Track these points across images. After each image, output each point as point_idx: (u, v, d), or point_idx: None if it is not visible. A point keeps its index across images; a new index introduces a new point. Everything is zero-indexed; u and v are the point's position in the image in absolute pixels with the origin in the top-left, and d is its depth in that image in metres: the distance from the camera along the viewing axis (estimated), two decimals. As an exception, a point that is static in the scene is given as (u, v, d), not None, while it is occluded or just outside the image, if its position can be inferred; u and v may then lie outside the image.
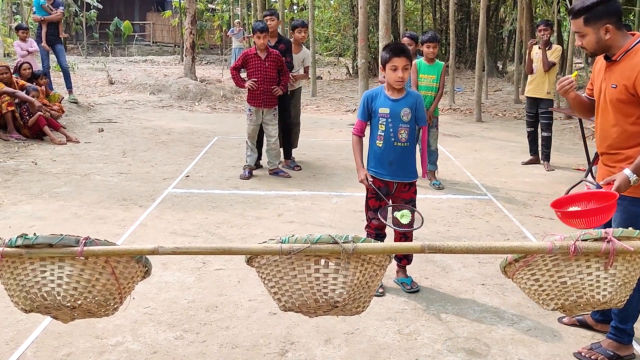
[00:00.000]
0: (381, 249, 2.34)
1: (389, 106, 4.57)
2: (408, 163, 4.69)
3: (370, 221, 4.85)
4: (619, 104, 3.52)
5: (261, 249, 2.32)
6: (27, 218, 6.30)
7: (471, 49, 25.30)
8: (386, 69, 4.51)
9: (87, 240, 2.29)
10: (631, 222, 3.52)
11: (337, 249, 2.32)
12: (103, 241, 2.37)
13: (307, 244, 2.31)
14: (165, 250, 2.27)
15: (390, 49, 4.50)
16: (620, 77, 3.47)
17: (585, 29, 3.49)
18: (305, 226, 6.28)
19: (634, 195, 3.53)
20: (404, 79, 4.50)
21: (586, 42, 3.53)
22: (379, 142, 4.62)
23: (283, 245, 2.32)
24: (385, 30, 13.16)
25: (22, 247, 2.32)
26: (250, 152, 8.36)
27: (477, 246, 2.30)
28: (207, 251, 2.28)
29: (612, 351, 3.83)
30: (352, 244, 2.32)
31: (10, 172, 8.17)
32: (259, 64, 8.00)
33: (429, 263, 5.37)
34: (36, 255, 2.31)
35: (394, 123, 4.56)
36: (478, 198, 7.50)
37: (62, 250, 2.29)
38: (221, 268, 5.14)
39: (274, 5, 26.80)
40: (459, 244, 2.34)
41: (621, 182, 3.43)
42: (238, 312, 4.36)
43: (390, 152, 4.60)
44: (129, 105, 15.20)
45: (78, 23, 36.08)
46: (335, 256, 2.36)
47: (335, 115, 15.33)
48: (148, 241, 5.71)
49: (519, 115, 15.23)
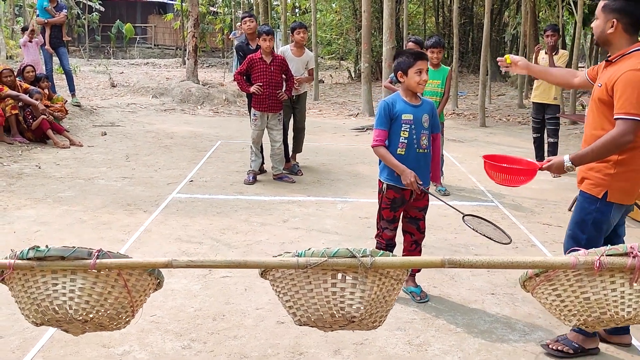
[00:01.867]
0: (400, 264, 2.28)
1: (412, 112, 4.48)
2: (426, 170, 4.62)
3: (382, 231, 4.75)
4: (599, 103, 3.60)
5: (277, 263, 2.27)
6: (32, 223, 6.25)
7: (474, 53, 25.28)
8: (409, 74, 4.41)
9: (100, 253, 2.24)
10: (580, 216, 3.75)
11: (355, 263, 2.26)
12: (116, 254, 2.32)
13: (325, 258, 2.25)
14: (179, 263, 2.22)
15: (412, 53, 4.43)
16: (608, 78, 3.53)
17: (599, 13, 3.59)
18: (310, 233, 6.23)
19: (590, 193, 3.67)
20: (426, 81, 4.47)
21: (594, 26, 3.66)
22: (400, 149, 4.47)
23: (300, 259, 2.26)
24: (389, 34, 13.15)
25: (33, 260, 2.27)
26: (254, 157, 8.31)
27: (498, 261, 2.25)
28: (222, 264, 2.23)
29: (577, 343, 3.89)
30: (370, 258, 2.26)
31: (14, 176, 8.12)
32: (264, 68, 7.95)
33: (438, 271, 5.32)
34: (48, 267, 2.26)
35: (417, 129, 4.48)
36: (484, 205, 7.45)
37: (74, 263, 2.24)
38: (227, 275, 5.09)
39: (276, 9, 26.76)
40: (479, 258, 2.28)
41: (554, 163, 3.66)
42: (245, 321, 4.31)
43: (412, 159, 4.48)
44: (132, 109, 15.16)
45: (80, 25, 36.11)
46: (353, 270, 2.31)
47: (338, 119, 15.28)
48: (153, 247, 5.67)
49: (523, 120, 15.19)
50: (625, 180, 3.59)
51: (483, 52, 14.65)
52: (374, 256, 2.29)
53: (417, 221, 4.71)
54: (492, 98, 18.61)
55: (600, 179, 3.62)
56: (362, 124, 14.05)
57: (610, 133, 3.45)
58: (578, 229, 3.77)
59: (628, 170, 3.56)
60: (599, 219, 3.68)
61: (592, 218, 3.69)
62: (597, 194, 3.63)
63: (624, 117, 3.40)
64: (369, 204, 7.23)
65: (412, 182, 4.36)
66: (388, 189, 4.61)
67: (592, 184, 3.66)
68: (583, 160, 3.60)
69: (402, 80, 4.52)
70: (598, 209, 3.66)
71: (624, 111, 3.40)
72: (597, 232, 3.71)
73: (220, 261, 2.23)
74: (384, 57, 13.62)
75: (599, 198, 3.63)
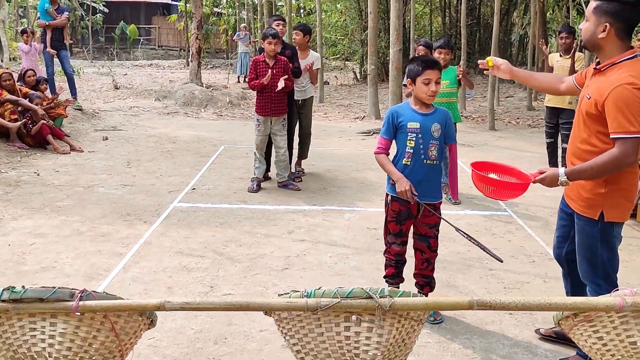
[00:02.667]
0: (423, 305, 2.02)
1: (419, 120, 4.22)
2: (435, 183, 4.35)
3: (390, 246, 4.50)
4: (587, 117, 3.42)
5: (284, 305, 2.00)
6: (27, 235, 6.00)
7: (481, 54, 24.99)
8: (417, 83, 4.17)
9: (84, 294, 1.98)
10: (587, 242, 3.54)
11: (372, 304, 2.00)
12: (102, 294, 2.06)
13: (337, 299, 1.99)
14: (172, 305, 1.96)
15: (422, 61, 4.16)
16: (597, 90, 3.33)
17: (590, 15, 3.38)
18: (317, 245, 5.97)
19: (587, 216, 3.49)
20: (437, 92, 4.18)
21: (584, 28, 3.42)
22: (406, 159, 4.23)
23: (309, 301, 2.00)
24: (397, 36, 12.88)
25: (8, 302, 2.01)
26: (258, 164, 8.05)
27: (534, 302, 1.99)
28: (221, 307, 1.97)
29: None
30: (389, 299, 2.00)
31: (11, 183, 7.88)
32: (265, 71, 7.70)
33: (451, 288, 5.06)
34: (25, 310, 2.00)
35: (424, 139, 4.21)
36: (497, 214, 7.18)
37: (54, 306, 1.98)
38: (230, 293, 4.84)
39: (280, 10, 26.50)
40: (512, 299, 2.02)
41: (548, 176, 3.44)
42: (249, 344, 4.06)
43: (419, 171, 4.22)
44: (134, 112, 14.92)
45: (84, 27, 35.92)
46: (369, 313, 2.04)
47: (344, 122, 15.00)
48: (152, 262, 5.42)
49: (533, 124, 14.91)
50: (618, 197, 3.43)
51: (492, 54, 14.34)
52: (393, 296, 2.03)
53: (427, 239, 4.43)
54: (500, 100, 18.32)
55: (592, 200, 3.46)
56: (368, 127, 13.77)
57: (612, 153, 3.26)
58: (589, 254, 3.57)
59: (619, 189, 3.41)
60: (606, 239, 3.50)
61: (600, 240, 3.49)
62: (593, 215, 3.46)
63: (624, 136, 3.20)
64: (378, 214, 6.96)
65: (406, 190, 4.10)
66: (392, 201, 4.36)
67: (585, 205, 3.49)
68: (580, 176, 3.40)
69: (410, 88, 4.29)
70: (601, 230, 3.48)
71: (622, 130, 3.20)
72: (610, 251, 3.52)
73: (218, 303, 1.97)
74: (391, 60, 13.35)
75: (597, 220, 3.46)
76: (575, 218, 3.62)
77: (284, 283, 5.05)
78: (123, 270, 5.22)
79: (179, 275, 5.14)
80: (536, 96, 18.62)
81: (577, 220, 3.60)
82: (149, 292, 4.78)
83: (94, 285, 4.88)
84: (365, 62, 23.70)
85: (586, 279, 3.62)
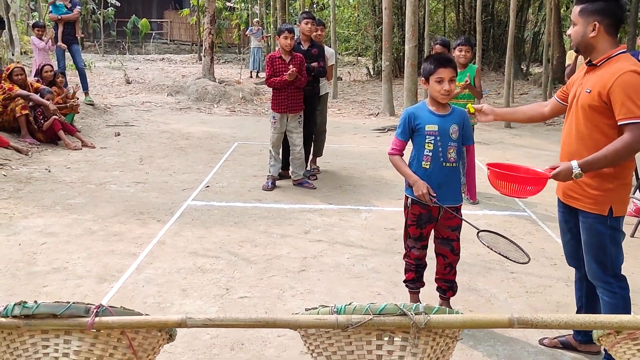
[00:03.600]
0: (461, 323, 1.89)
1: (437, 122, 4.09)
2: (455, 185, 4.21)
3: (410, 250, 4.36)
4: (589, 111, 3.41)
5: (312, 322, 1.88)
6: (38, 234, 5.91)
7: (495, 50, 24.75)
8: (430, 82, 4.04)
9: (100, 309, 1.86)
10: (597, 240, 3.51)
11: (406, 322, 1.87)
12: (119, 309, 1.94)
13: (370, 316, 1.86)
14: (194, 322, 1.84)
15: (435, 59, 4.02)
16: (597, 83, 3.37)
17: (577, 18, 3.43)
18: (334, 246, 5.85)
19: (597, 212, 3.46)
20: (451, 91, 4.04)
21: (573, 32, 3.46)
22: (425, 163, 4.10)
23: (339, 317, 1.87)
24: (412, 32, 12.73)
25: (20, 318, 1.89)
26: (273, 162, 7.92)
27: (579, 321, 1.86)
28: (246, 323, 1.84)
29: None
30: (425, 316, 1.87)
31: (22, 180, 7.78)
32: (282, 68, 7.58)
33: (472, 292, 4.93)
34: (37, 327, 1.88)
35: (443, 141, 4.07)
36: (517, 214, 7.04)
37: (68, 322, 1.86)
38: (246, 296, 4.73)
39: (293, 5, 26.36)
40: (555, 317, 1.89)
41: (562, 170, 3.38)
42: (266, 350, 3.94)
43: (438, 174, 4.09)
44: (146, 107, 14.83)
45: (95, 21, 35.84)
46: (403, 330, 1.91)
47: (358, 119, 14.86)
48: (166, 262, 5.31)
49: (548, 121, 14.70)
50: (623, 192, 3.47)
51: (508, 52, 14.19)
52: (429, 313, 1.90)
53: (450, 242, 4.30)
54: (515, 97, 18.11)
55: (601, 196, 3.44)
56: (383, 124, 13.63)
57: (624, 139, 3.27)
58: (599, 253, 3.53)
59: (623, 184, 3.47)
60: (614, 235, 3.50)
61: (609, 236, 3.48)
62: (603, 211, 3.44)
63: (634, 121, 3.23)
64: (395, 213, 6.84)
65: (424, 193, 3.99)
66: (413, 204, 4.23)
67: (594, 202, 3.47)
68: (594, 167, 3.36)
69: (425, 87, 4.17)
70: (610, 226, 3.47)
71: (632, 115, 3.23)
72: (617, 247, 3.53)
73: (242, 319, 1.84)
74: (407, 56, 13.19)
75: (606, 216, 3.44)
76: (581, 217, 3.57)
77: (301, 285, 4.93)
78: (136, 271, 5.11)
79: (194, 277, 5.03)
80: (551, 93, 18.38)
81: (583, 218, 3.56)
82: (162, 295, 4.68)
83: (107, 287, 4.78)
84: (378, 58, 23.52)
85: (596, 278, 3.59)
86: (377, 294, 4.87)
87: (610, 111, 3.30)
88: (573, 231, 3.79)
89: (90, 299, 4.57)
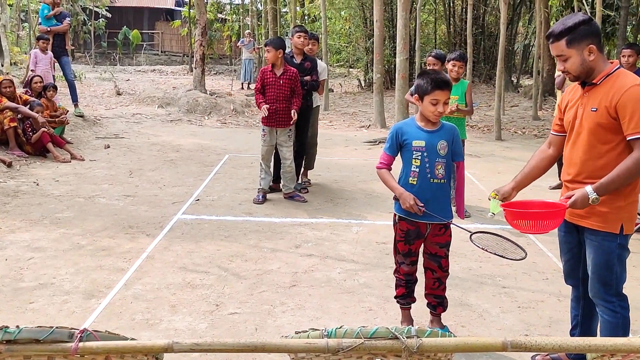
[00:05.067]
0: (453, 347, 1.85)
1: (425, 138, 4.07)
2: (444, 202, 4.18)
3: (399, 266, 4.34)
4: (597, 129, 3.37)
5: (303, 346, 1.83)
6: (25, 249, 5.83)
7: (486, 63, 24.88)
8: (424, 101, 4.01)
9: (84, 334, 1.81)
10: (605, 258, 3.45)
11: (398, 346, 1.83)
12: (104, 333, 1.88)
13: (361, 340, 1.82)
14: (181, 347, 1.79)
15: (432, 80, 3.97)
16: (602, 100, 3.34)
17: (568, 51, 3.38)
18: (325, 260, 5.80)
19: (607, 230, 3.41)
20: (443, 113, 4.02)
21: (569, 65, 3.41)
22: (412, 179, 4.09)
23: (329, 342, 1.83)
24: (403, 44, 12.75)
25: (2, 343, 1.84)
26: (264, 175, 7.88)
27: (572, 344, 1.83)
28: (236, 348, 1.80)
29: None
30: (417, 340, 1.84)
31: (10, 194, 7.71)
32: (273, 81, 7.58)
33: (464, 308, 4.89)
34: (19, 352, 1.83)
35: (430, 157, 4.05)
36: (508, 228, 6.97)
37: (52, 347, 1.81)
38: (236, 312, 4.67)
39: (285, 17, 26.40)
40: (548, 340, 1.86)
41: (579, 197, 3.31)
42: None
43: (426, 190, 4.07)
44: (137, 119, 14.77)
45: (86, 32, 35.85)
46: (394, 354, 1.87)
47: (349, 131, 14.84)
48: (155, 278, 5.25)
49: (539, 133, 14.75)
50: (632, 209, 3.43)
51: (499, 64, 14.21)
52: (421, 337, 1.86)
53: (438, 258, 4.28)
54: (505, 109, 18.15)
55: (612, 214, 3.40)
56: (374, 136, 13.62)
57: (633, 157, 3.25)
58: (606, 272, 3.48)
59: (633, 201, 3.43)
60: (622, 254, 3.47)
61: (617, 255, 3.44)
62: (614, 229, 3.40)
63: None
64: (387, 227, 6.79)
65: (411, 205, 3.99)
66: (400, 221, 4.25)
67: (604, 220, 3.42)
68: (609, 189, 3.31)
69: (417, 104, 4.14)
70: (619, 244, 3.43)
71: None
72: (622, 266, 3.49)
73: (231, 344, 1.80)
74: (398, 69, 13.21)
75: (617, 234, 3.40)
76: (589, 235, 3.51)
77: (292, 301, 4.88)
78: (125, 287, 5.05)
79: (183, 293, 4.97)
80: (541, 105, 18.49)
81: (591, 237, 3.49)
82: (151, 311, 4.61)
83: (95, 304, 4.71)
84: (369, 70, 23.56)
85: (597, 297, 3.54)
86: (368, 309, 4.83)
87: (618, 127, 3.29)
88: (573, 251, 3.75)
89: (77, 315, 4.51)
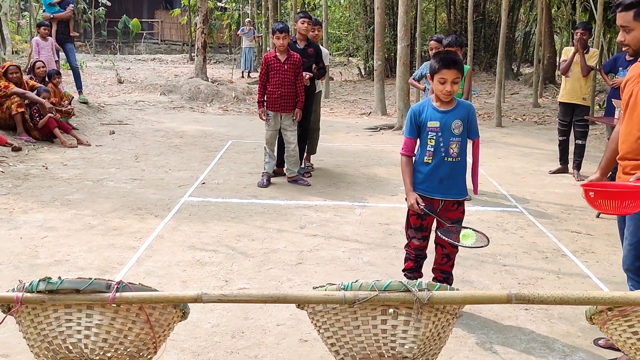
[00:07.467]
0: (461, 299, 2.00)
1: (439, 119, 4.19)
2: (459, 179, 4.31)
3: (410, 240, 4.48)
4: None
5: (321, 298, 1.99)
6: (39, 228, 5.99)
7: (486, 50, 24.92)
8: (434, 80, 4.14)
9: (120, 285, 1.97)
10: None
11: (410, 298, 1.98)
12: (137, 285, 2.04)
13: (375, 292, 1.98)
14: (209, 297, 1.95)
15: (441, 59, 4.10)
16: None
17: (634, 23, 3.29)
18: (330, 240, 5.96)
19: None
20: (453, 92, 4.14)
21: (631, 38, 3.33)
22: (428, 158, 4.22)
23: (346, 294, 1.98)
24: (404, 31, 12.85)
25: (44, 293, 1.99)
26: (268, 159, 8.02)
27: (573, 297, 1.98)
28: (259, 299, 1.95)
29: None
30: (427, 292, 1.99)
31: (20, 177, 7.86)
32: (277, 67, 7.69)
33: (466, 284, 5.05)
34: (61, 301, 1.99)
35: (444, 137, 4.18)
36: (508, 210, 7.16)
37: (90, 297, 1.97)
38: (245, 287, 4.82)
39: (285, 5, 26.44)
40: (550, 294, 2.01)
41: None
42: (266, 338, 4.04)
43: (440, 168, 4.21)
44: (140, 106, 14.90)
45: (86, 20, 35.77)
46: (407, 306, 2.02)
47: (350, 118, 14.98)
48: (166, 256, 5.40)
49: (539, 120, 14.88)
50: None
51: (500, 51, 14.30)
52: (431, 290, 2.01)
53: None
54: (506, 97, 18.27)
55: None
56: (375, 123, 13.76)
57: None
58: None
59: None
60: None
61: None
62: None
63: None
64: (389, 209, 6.97)
65: (412, 204, 4.21)
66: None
67: None
68: None
69: (430, 83, 4.28)
70: None
71: None
72: None
73: (256, 295, 1.95)
74: (399, 55, 13.32)
75: None
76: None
77: (299, 277, 5.04)
78: (137, 263, 5.21)
79: (193, 270, 5.12)
80: (541, 93, 18.59)
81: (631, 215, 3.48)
82: (163, 286, 4.76)
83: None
84: (370, 58, 23.64)
85: (631, 270, 3.58)
86: (373, 285, 4.96)
87: None
88: None
89: (92, 290, 4.66)
